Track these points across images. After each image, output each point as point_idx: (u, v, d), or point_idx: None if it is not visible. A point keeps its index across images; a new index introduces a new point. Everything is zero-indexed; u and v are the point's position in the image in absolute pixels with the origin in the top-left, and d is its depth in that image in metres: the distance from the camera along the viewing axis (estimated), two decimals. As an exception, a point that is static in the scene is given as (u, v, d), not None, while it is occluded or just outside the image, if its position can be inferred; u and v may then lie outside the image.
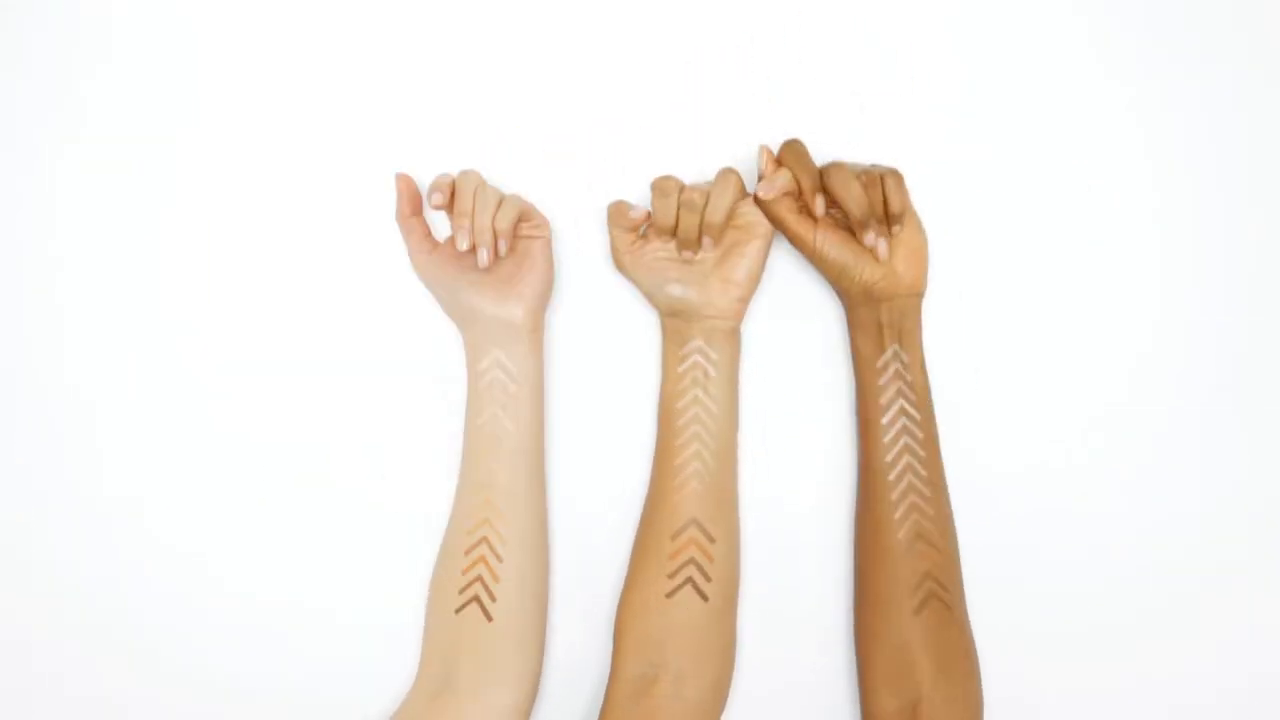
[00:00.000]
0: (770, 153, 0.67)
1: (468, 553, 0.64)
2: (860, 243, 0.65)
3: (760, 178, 0.67)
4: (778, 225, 0.67)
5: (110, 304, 0.70)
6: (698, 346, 0.66)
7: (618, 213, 0.67)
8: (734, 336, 0.67)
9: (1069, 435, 0.70)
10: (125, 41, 0.71)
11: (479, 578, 0.64)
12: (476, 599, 0.64)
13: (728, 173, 0.66)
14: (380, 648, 0.68)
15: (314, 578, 0.69)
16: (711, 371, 0.66)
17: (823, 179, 0.65)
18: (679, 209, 0.65)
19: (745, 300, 0.67)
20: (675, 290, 0.66)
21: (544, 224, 0.68)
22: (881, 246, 0.65)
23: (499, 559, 0.64)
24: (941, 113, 0.68)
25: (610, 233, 0.68)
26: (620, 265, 0.68)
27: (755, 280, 0.67)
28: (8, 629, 0.69)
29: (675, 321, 0.67)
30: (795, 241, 0.67)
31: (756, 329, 0.70)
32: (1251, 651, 0.70)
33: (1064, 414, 0.70)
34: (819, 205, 0.65)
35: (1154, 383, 0.71)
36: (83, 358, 0.70)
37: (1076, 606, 0.69)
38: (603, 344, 0.70)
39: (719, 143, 0.70)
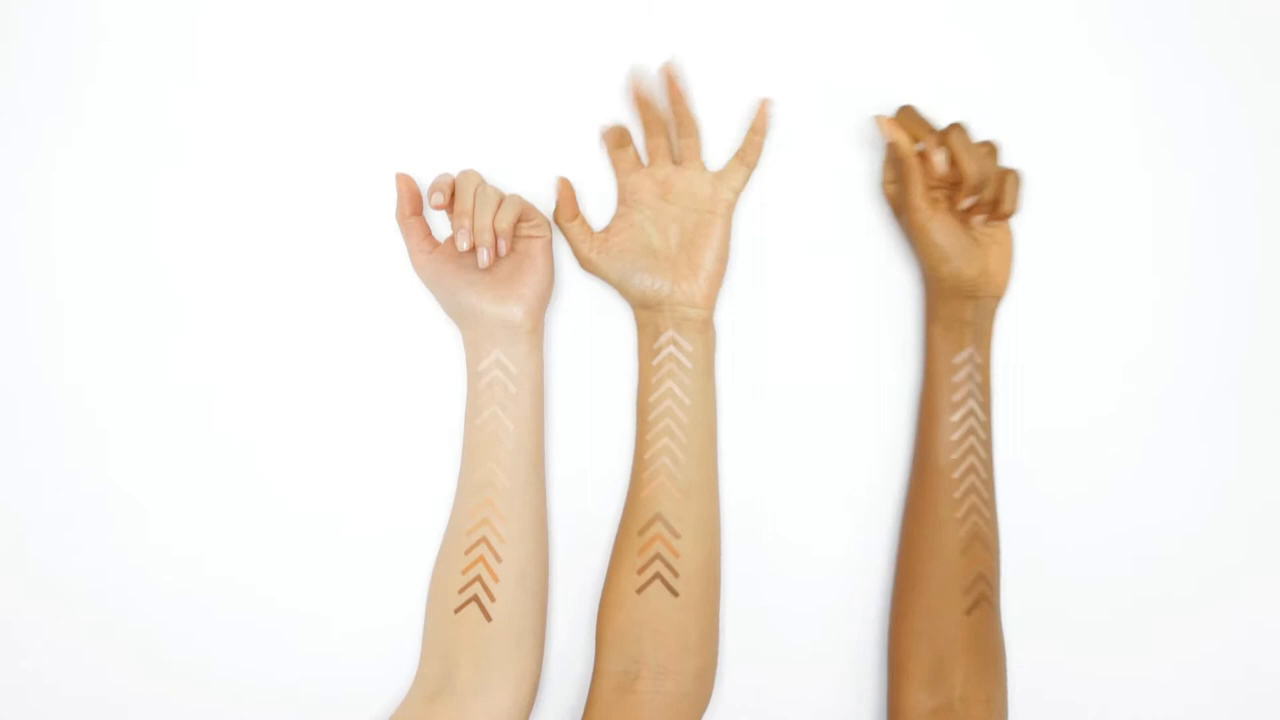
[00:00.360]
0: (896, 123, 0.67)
1: (467, 553, 0.64)
2: (967, 224, 0.65)
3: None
4: (906, 193, 0.66)
5: (110, 304, 0.70)
6: (670, 338, 0.66)
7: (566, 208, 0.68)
8: (707, 328, 0.67)
9: (1069, 434, 0.70)
10: (125, 41, 0.71)
11: (478, 578, 0.64)
12: (476, 599, 0.64)
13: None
14: (380, 648, 0.68)
15: (314, 578, 0.69)
16: (686, 364, 0.66)
17: (943, 137, 0.65)
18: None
19: (714, 283, 0.67)
20: (645, 280, 0.67)
21: (544, 224, 0.68)
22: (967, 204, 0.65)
23: (498, 559, 0.64)
24: (941, 113, 0.68)
25: (566, 234, 0.68)
26: (587, 263, 0.68)
27: (723, 261, 0.67)
28: (8, 629, 0.69)
29: (647, 314, 0.67)
30: (914, 215, 0.65)
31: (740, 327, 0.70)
32: (1251, 651, 0.70)
33: (1064, 413, 0.70)
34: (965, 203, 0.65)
35: (1154, 382, 0.71)
36: (83, 358, 0.70)
37: (1075, 606, 0.70)
38: (603, 344, 0.70)
39: (718, 143, 0.70)
